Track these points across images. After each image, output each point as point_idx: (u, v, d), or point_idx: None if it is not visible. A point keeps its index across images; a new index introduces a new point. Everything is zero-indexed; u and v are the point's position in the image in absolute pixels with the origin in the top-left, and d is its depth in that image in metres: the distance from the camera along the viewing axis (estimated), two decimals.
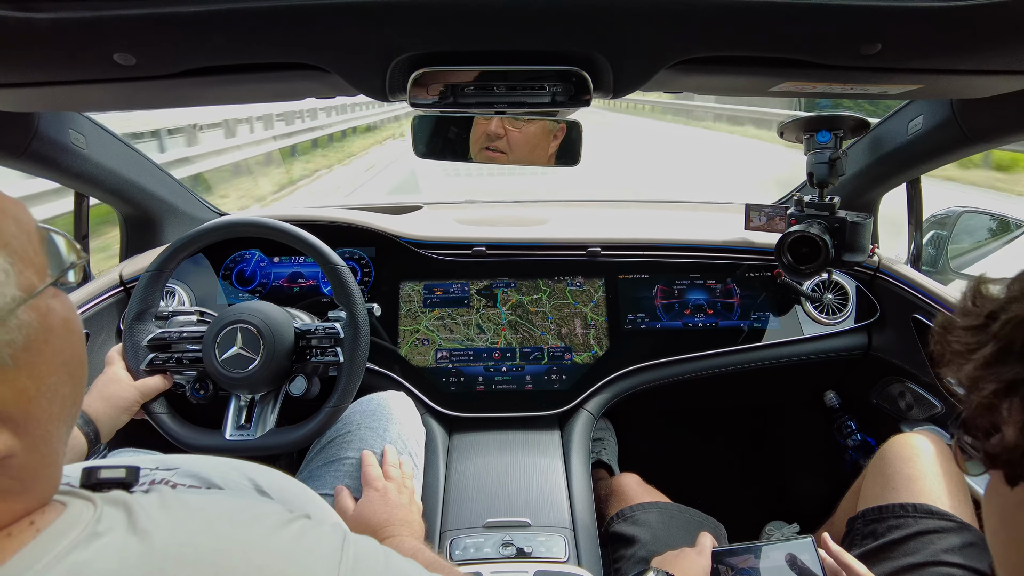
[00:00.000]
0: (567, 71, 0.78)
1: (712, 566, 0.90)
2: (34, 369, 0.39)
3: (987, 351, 0.42)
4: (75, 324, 0.44)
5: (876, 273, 1.44)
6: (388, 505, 0.92)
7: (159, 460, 0.67)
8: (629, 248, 1.45)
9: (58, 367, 0.41)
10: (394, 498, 0.94)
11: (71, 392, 0.43)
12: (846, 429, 1.57)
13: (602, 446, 1.55)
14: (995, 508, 0.47)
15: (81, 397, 0.46)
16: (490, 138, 0.96)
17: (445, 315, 1.39)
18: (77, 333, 0.44)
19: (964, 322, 0.45)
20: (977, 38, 0.71)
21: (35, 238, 0.42)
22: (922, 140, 1.20)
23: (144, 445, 1.11)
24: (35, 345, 0.39)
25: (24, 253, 0.40)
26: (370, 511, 0.91)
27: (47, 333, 0.40)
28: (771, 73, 0.82)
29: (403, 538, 0.86)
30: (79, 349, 0.45)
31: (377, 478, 0.97)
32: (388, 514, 0.90)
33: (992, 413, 0.41)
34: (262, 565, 0.40)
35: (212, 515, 0.43)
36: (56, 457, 0.42)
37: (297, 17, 0.66)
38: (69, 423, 0.44)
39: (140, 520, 0.40)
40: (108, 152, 1.28)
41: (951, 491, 1.00)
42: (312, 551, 0.43)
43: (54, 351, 0.40)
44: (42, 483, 0.41)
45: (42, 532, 0.38)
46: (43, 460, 0.40)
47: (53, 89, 0.82)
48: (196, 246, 1.14)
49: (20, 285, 0.38)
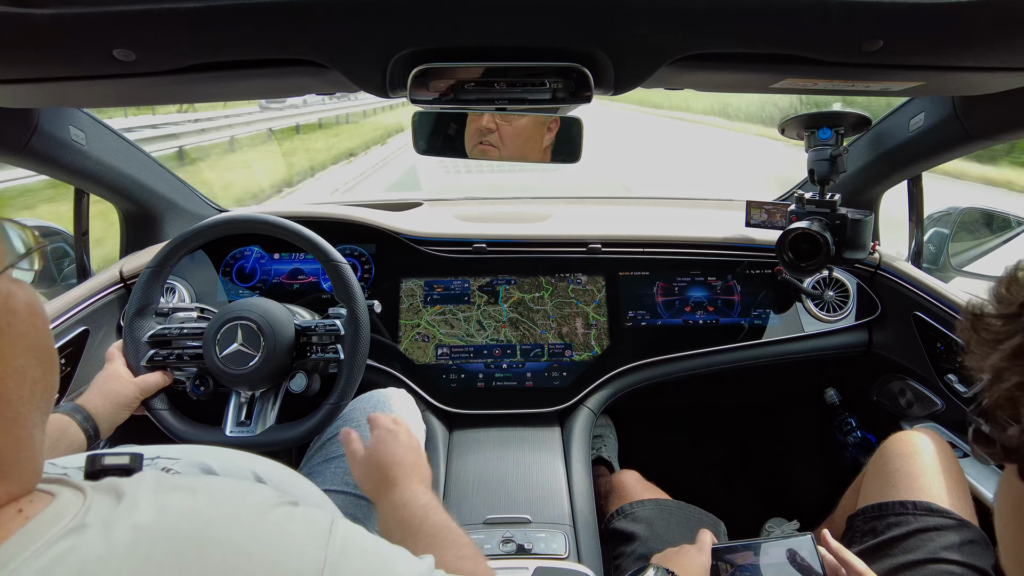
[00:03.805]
0: (568, 67, 0.77)
1: (712, 563, 0.90)
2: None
3: (1016, 342, 0.42)
4: (40, 309, 0.44)
5: (877, 270, 1.43)
6: (400, 445, 0.88)
7: (161, 450, 0.68)
8: (630, 245, 1.44)
9: (24, 350, 0.41)
10: (405, 439, 0.90)
11: (41, 377, 0.43)
12: (846, 426, 1.57)
13: (602, 443, 1.55)
14: (1008, 500, 0.46)
15: (54, 384, 0.46)
16: (482, 132, 0.96)
17: (446, 311, 1.39)
18: (43, 318, 0.44)
19: (997, 309, 0.44)
20: (979, 35, 0.71)
21: None
22: (923, 137, 1.20)
23: (144, 442, 1.10)
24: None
25: None
26: (383, 449, 0.87)
27: (9, 316, 0.40)
28: (772, 70, 0.82)
29: (415, 487, 0.82)
30: (45, 335, 0.44)
31: (388, 420, 0.93)
32: (401, 454, 0.86)
33: (1013, 405, 0.41)
34: (249, 549, 0.40)
35: (201, 500, 0.43)
36: (32, 441, 0.42)
37: (297, 13, 0.66)
38: (43, 409, 0.44)
39: (129, 506, 0.40)
40: (108, 148, 1.28)
41: (951, 488, 1.00)
42: (299, 534, 0.43)
43: (18, 334, 0.40)
44: (21, 467, 0.41)
45: (31, 520, 0.38)
46: (18, 443, 0.40)
47: (53, 85, 0.82)
48: (196, 243, 1.14)
49: None
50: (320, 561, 0.42)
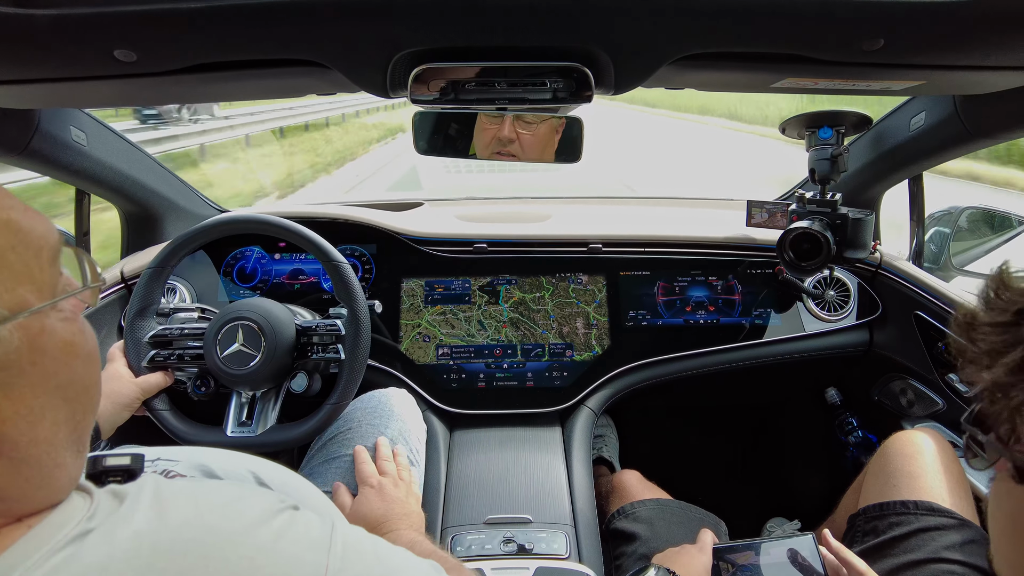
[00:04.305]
0: (568, 67, 0.77)
1: (713, 563, 0.90)
2: (9, 390, 0.37)
3: (1018, 355, 0.40)
4: (81, 349, 0.42)
5: (878, 270, 1.43)
6: (385, 501, 0.92)
7: (162, 451, 0.68)
8: (631, 245, 1.44)
9: (47, 391, 0.39)
10: (391, 492, 0.93)
11: (69, 415, 0.41)
12: (847, 426, 1.57)
13: (603, 443, 1.55)
14: (1004, 510, 0.45)
15: (88, 422, 0.44)
16: (502, 143, 0.96)
17: (447, 311, 1.39)
18: (82, 358, 0.42)
19: (990, 318, 0.42)
20: (979, 34, 0.71)
21: (44, 255, 0.40)
22: (924, 136, 1.20)
23: (145, 442, 1.10)
24: (15, 366, 0.37)
25: (21, 268, 0.38)
26: (367, 508, 0.91)
27: (35, 355, 0.38)
28: (773, 69, 0.82)
29: (401, 531, 0.85)
30: (82, 374, 0.42)
31: (371, 475, 0.97)
32: (385, 509, 0.90)
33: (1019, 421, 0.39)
34: (250, 556, 0.40)
35: (202, 506, 0.43)
36: (47, 480, 0.40)
37: (298, 13, 0.66)
38: (73, 442, 0.42)
39: (132, 512, 0.40)
40: (109, 149, 1.28)
41: (952, 488, 1.00)
42: (300, 540, 0.43)
43: (43, 374, 0.39)
44: (33, 498, 0.40)
45: (33, 528, 0.38)
46: (28, 482, 0.39)
47: (54, 86, 0.82)
48: (197, 243, 1.14)
49: (2, 301, 0.36)
50: (322, 565, 0.42)
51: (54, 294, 0.40)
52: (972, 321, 0.44)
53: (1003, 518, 0.46)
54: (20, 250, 0.38)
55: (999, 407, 0.41)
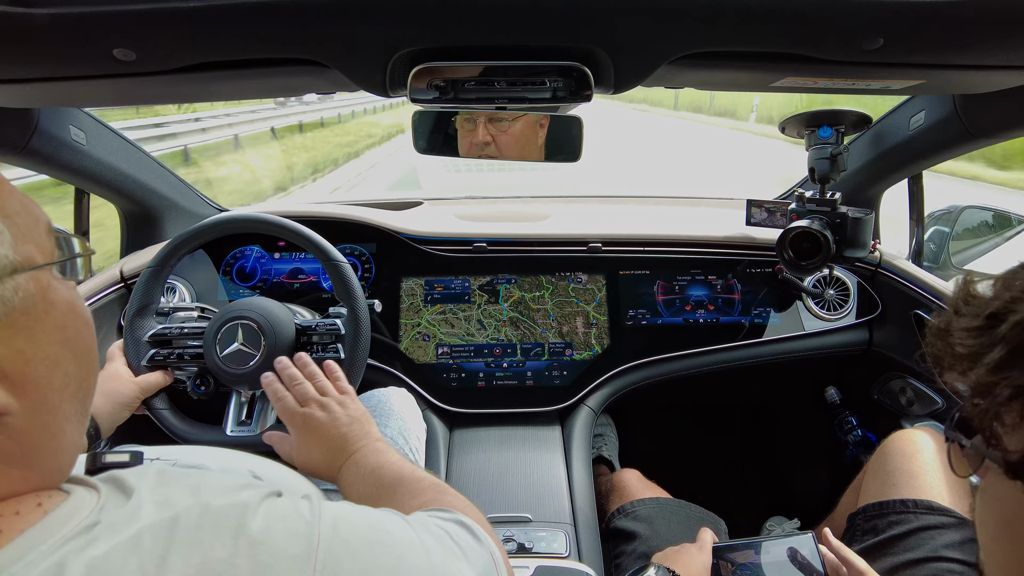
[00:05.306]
0: (568, 66, 0.77)
1: (713, 561, 0.90)
2: (32, 334, 0.39)
3: (996, 355, 0.40)
4: (82, 312, 0.45)
5: (877, 269, 1.43)
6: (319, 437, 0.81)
7: (160, 451, 0.68)
8: (630, 244, 1.44)
9: (60, 341, 0.42)
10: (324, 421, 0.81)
11: (76, 372, 0.43)
12: (847, 425, 1.57)
13: (603, 442, 1.55)
14: (993, 514, 0.45)
15: (90, 383, 0.46)
16: (479, 147, 0.95)
17: (447, 310, 1.39)
18: (84, 320, 0.45)
19: (962, 323, 0.43)
20: (979, 33, 0.71)
21: (43, 226, 0.43)
22: (924, 135, 1.20)
23: (145, 441, 1.10)
24: (33, 312, 0.40)
25: (26, 230, 0.41)
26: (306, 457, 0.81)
27: (48, 305, 0.41)
28: (773, 68, 0.82)
29: (368, 445, 0.78)
30: (85, 336, 0.45)
31: (291, 411, 0.85)
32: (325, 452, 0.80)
33: (1006, 417, 0.40)
34: (251, 536, 0.40)
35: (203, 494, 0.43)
36: (60, 430, 0.42)
37: (297, 12, 0.66)
38: (77, 405, 0.44)
39: (137, 503, 0.40)
40: (108, 148, 1.28)
41: (952, 487, 1.00)
42: (283, 524, 0.42)
43: (55, 325, 0.41)
44: (46, 457, 0.41)
45: (49, 514, 0.39)
46: (45, 428, 0.41)
47: (53, 85, 0.82)
48: (197, 242, 1.14)
49: (18, 251, 0.39)
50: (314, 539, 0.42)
51: (52, 256, 0.43)
52: (948, 327, 0.45)
53: (994, 523, 0.45)
54: (24, 215, 0.41)
55: (984, 407, 0.41)
